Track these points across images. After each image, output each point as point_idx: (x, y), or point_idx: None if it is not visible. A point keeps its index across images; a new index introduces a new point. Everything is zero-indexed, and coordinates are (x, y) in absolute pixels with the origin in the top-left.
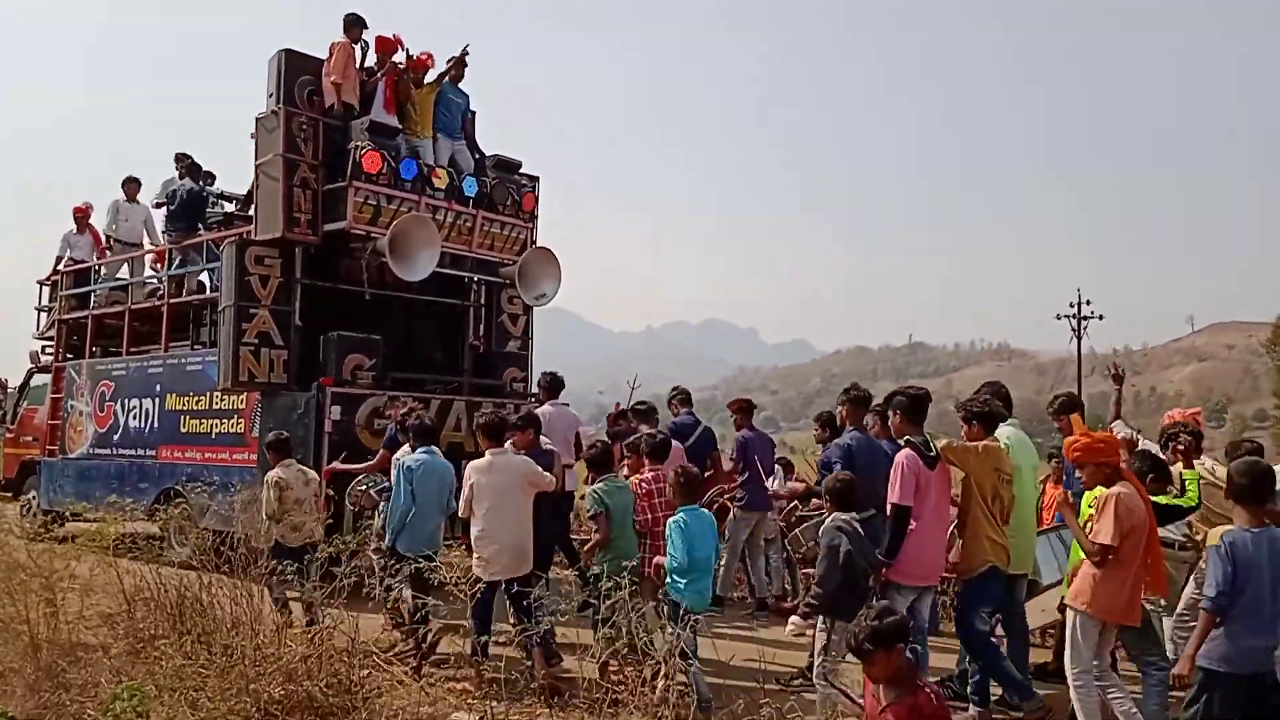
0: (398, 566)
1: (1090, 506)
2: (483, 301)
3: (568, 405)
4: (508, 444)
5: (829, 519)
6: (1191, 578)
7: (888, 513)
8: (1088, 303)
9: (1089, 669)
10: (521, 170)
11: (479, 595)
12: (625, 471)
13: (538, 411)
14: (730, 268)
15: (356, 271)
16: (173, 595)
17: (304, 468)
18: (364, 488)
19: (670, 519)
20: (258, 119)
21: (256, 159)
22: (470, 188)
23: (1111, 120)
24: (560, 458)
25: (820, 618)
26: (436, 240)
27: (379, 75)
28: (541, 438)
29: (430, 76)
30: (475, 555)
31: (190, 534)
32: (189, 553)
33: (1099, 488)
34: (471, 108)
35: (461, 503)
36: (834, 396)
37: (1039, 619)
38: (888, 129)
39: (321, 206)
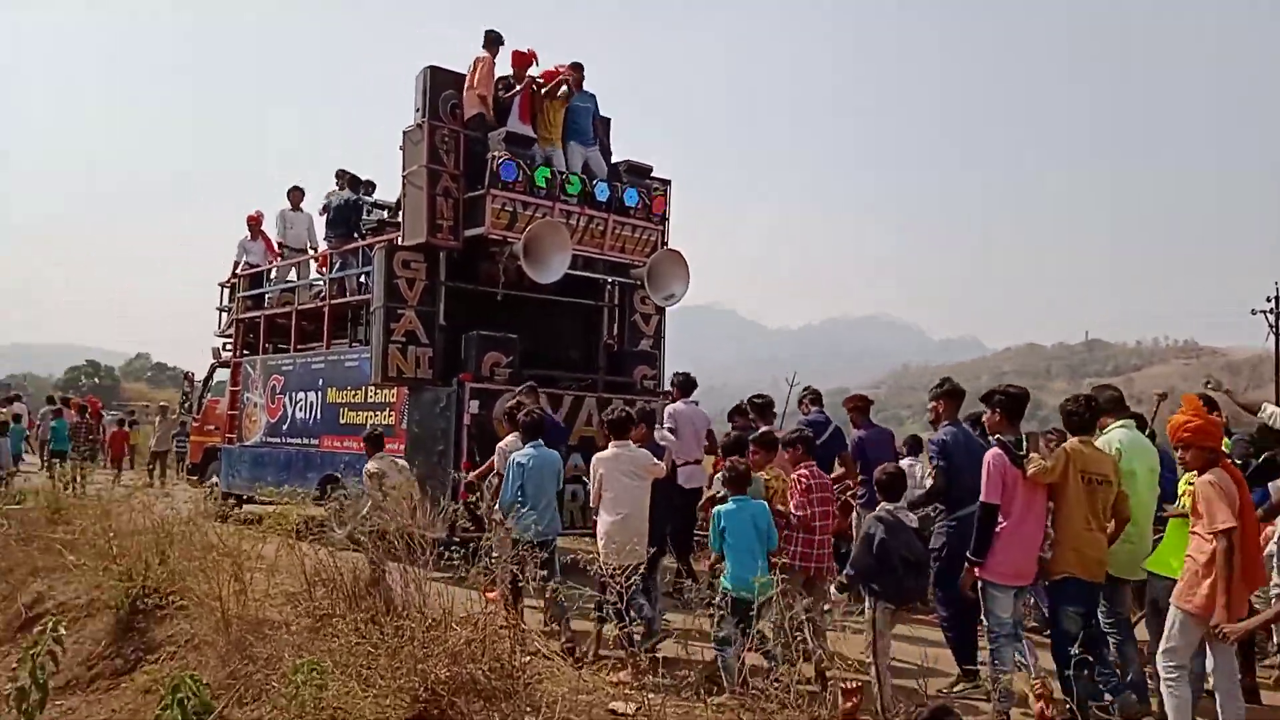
0: (542, 556)
1: (1189, 484)
2: (616, 301)
3: (698, 403)
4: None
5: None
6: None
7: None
8: None
9: (1184, 665)
10: (653, 174)
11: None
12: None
13: (670, 409)
14: (894, 262)
15: (496, 274)
16: (348, 577)
17: (396, 458)
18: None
19: (716, 508)
20: (405, 132)
21: (404, 170)
22: (602, 193)
23: None
24: (680, 453)
25: (868, 598)
26: (568, 244)
27: (516, 88)
28: (658, 431)
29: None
30: (602, 543)
31: (349, 519)
32: (345, 536)
33: (1194, 472)
34: (602, 114)
35: (592, 494)
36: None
37: None
38: (1060, 119)
39: (462, 213)
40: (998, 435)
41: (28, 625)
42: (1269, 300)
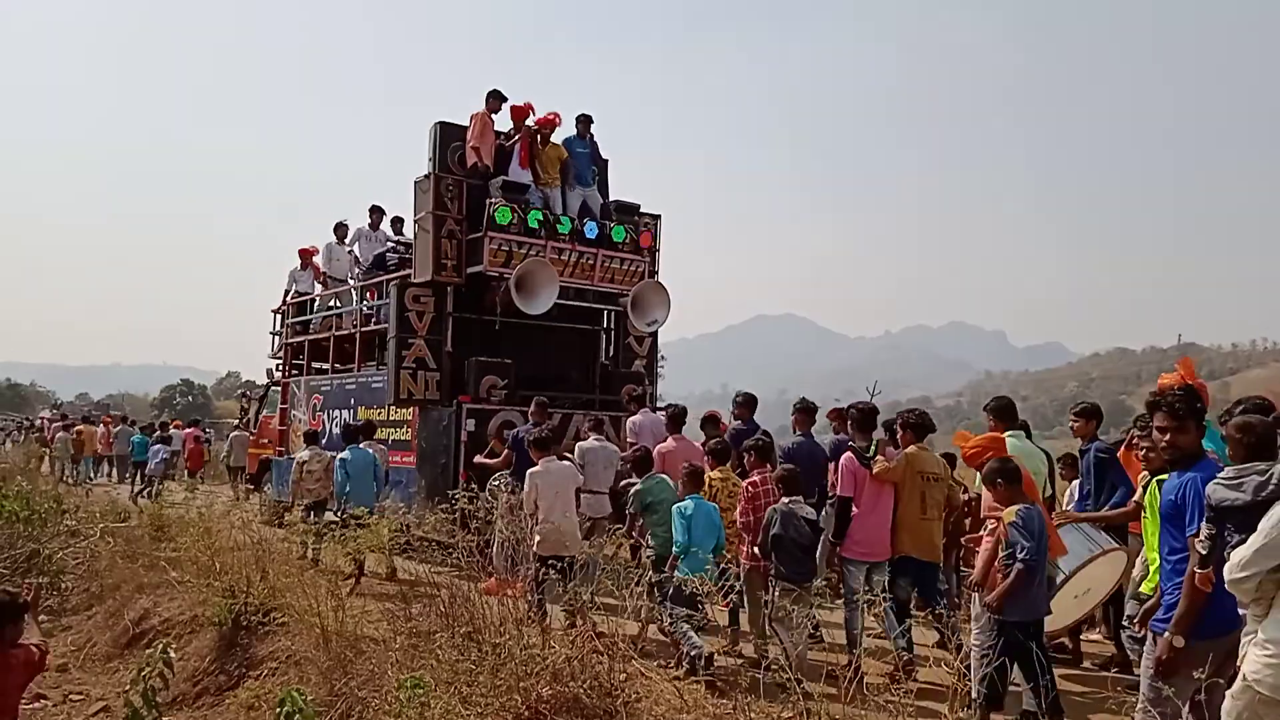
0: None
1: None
2: (610, 326)
3: (659, 414)
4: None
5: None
6: None
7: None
8: None
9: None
10: (641, 211)
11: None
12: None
13: (630, 420)
14: (974, 268)
15: (495, 306)
16: (444, 595)
17: (324, 451)
18: (498, 482)
19: (675, 505)
20: (415, 182)
21: (415, 214)
22: (591, 231)
23: None
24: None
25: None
26: (555, 278)
27: (515, 138)
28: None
29: (558, 135)
30: (536, 540)
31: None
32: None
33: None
34: (603, 156)
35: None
36: (1092, 401)
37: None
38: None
39: (465, 253)
40: (850, 442)
41: (135, 641)
42: None
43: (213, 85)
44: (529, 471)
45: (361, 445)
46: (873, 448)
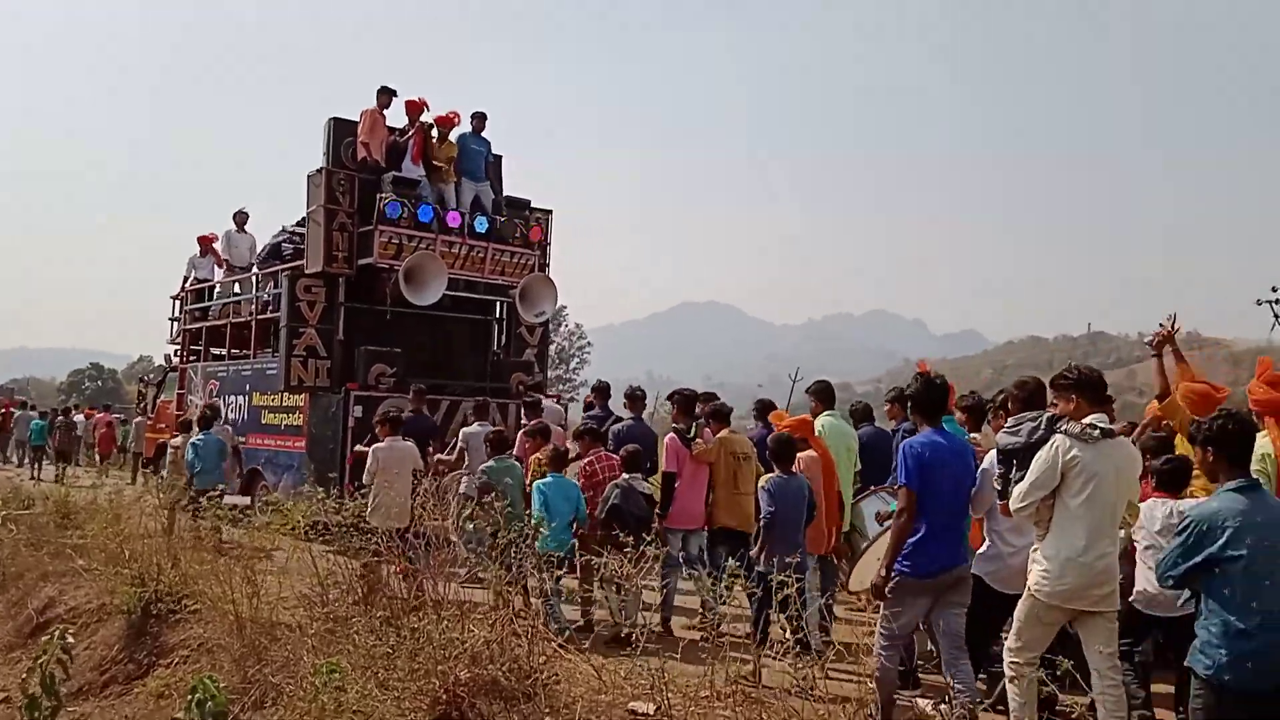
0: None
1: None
2: (502, 316)
3: (555, 401)
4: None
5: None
6: None
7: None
8: None
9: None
10: (532, 206)
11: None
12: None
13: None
14: (897, 257)
15: (391, 296)
16: (358, 578)
17: (210, 436)
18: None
19: (535, 483)
20: (308, 176)
21: (307, 207)
22: (481, 225)
23: None
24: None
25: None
26: (444, 271)
27: (410, 133)
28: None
29: (455, 133)
30: (372, 510)
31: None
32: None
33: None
34: (496, 153)
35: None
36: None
37: (860, 584)
38: (1050, 113)
39: (356, 245)
40: (674, 425)
41: (39, 630)
42: (1274, 290)
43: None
44: (373, 446)
45: (213, 430)
46: (693, 429)
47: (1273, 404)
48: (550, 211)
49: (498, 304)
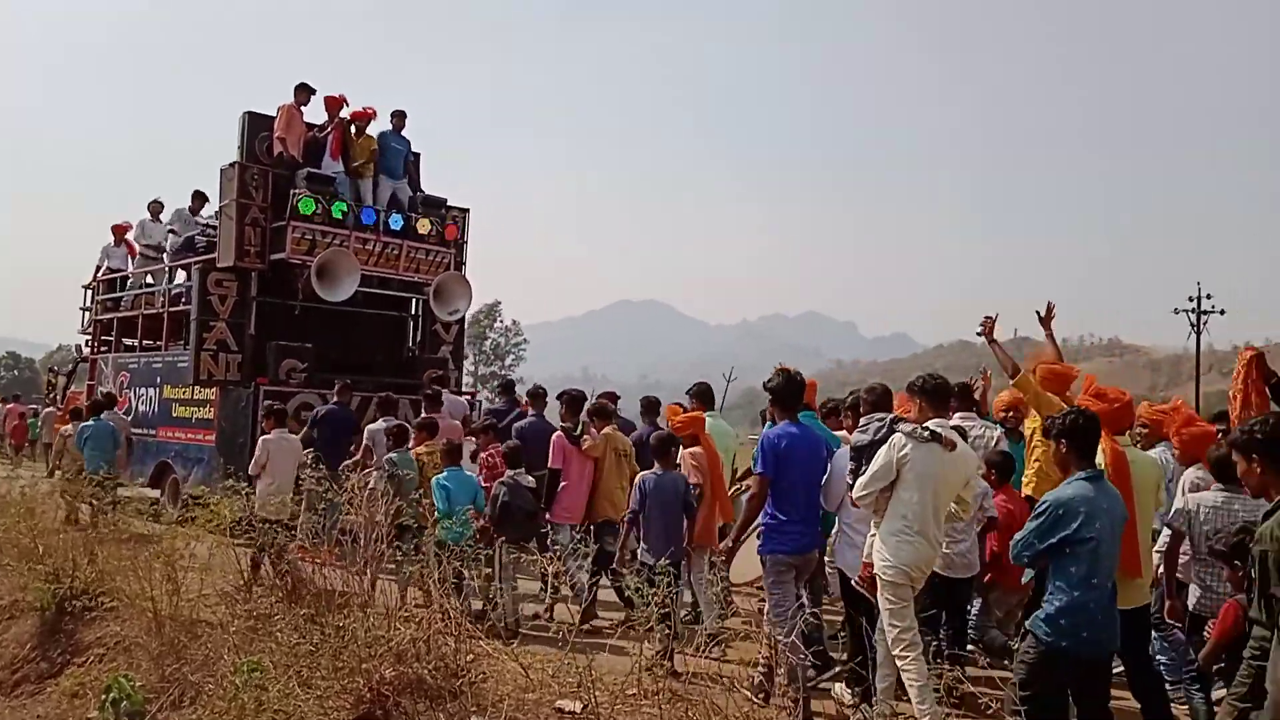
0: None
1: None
2: (417, 313)
3: (460, 397)
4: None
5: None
6: None
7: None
8: (1208, 296)
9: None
10: (449, 205)
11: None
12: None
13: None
14: (831, 260)
15: (304, 291)
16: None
17: (100, 423)
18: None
19: (434, 477)
20: (221, 170)
21: (220, 201)
22: (396, 223)
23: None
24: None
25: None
26: (356, 268)
27: (328, 129)
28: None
29: (374, 130)
30: (259, 500)
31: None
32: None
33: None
34: (414, 151)
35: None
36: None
37: (740, 575)
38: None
39: (269, 240)
40: (563, 424)
41: None
42: (1190, 300)
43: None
44: (263, 438)
45: (103, 417)
46: (579, 427)
47: (1102, 416)
48: (467, 210)
49: (413, 301)
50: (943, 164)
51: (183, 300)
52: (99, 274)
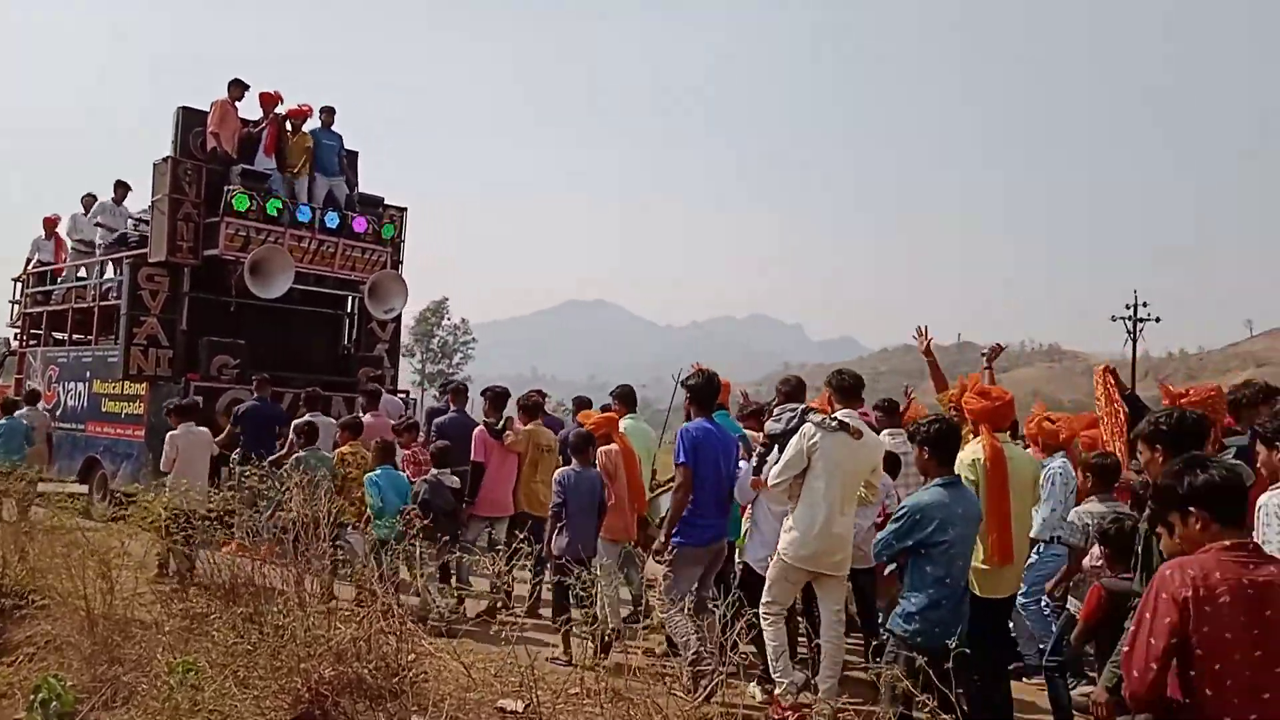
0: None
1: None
2: (353, 311)
3: (396, 397)
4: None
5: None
6: None
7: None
8: (1144, 304)
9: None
10: (385, 204)
11: None
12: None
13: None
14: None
15: (237, 288)
16: (225, 574)
17: (13, 420)
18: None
19: (367, 475)
20: (154, 164)
21: (153, 196)
22: (332, 220)
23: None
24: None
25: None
26: (290, 265)
27: (263, 125)
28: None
29: (308, 125)
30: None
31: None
32: (102, 510)
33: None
34: (349, 149)
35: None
36: (880, 395)
37: None
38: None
39: (201, 236)
40: (485, 420)
41: None
42: (1128, 308)
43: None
44: (170, 435)
45: (19, 414)
46: (502, 424)
47: (984, 413)
48: (405, 209)
49: (349, 299)
50: (888, 168)
51: (113, 294)
52: (29, 267)
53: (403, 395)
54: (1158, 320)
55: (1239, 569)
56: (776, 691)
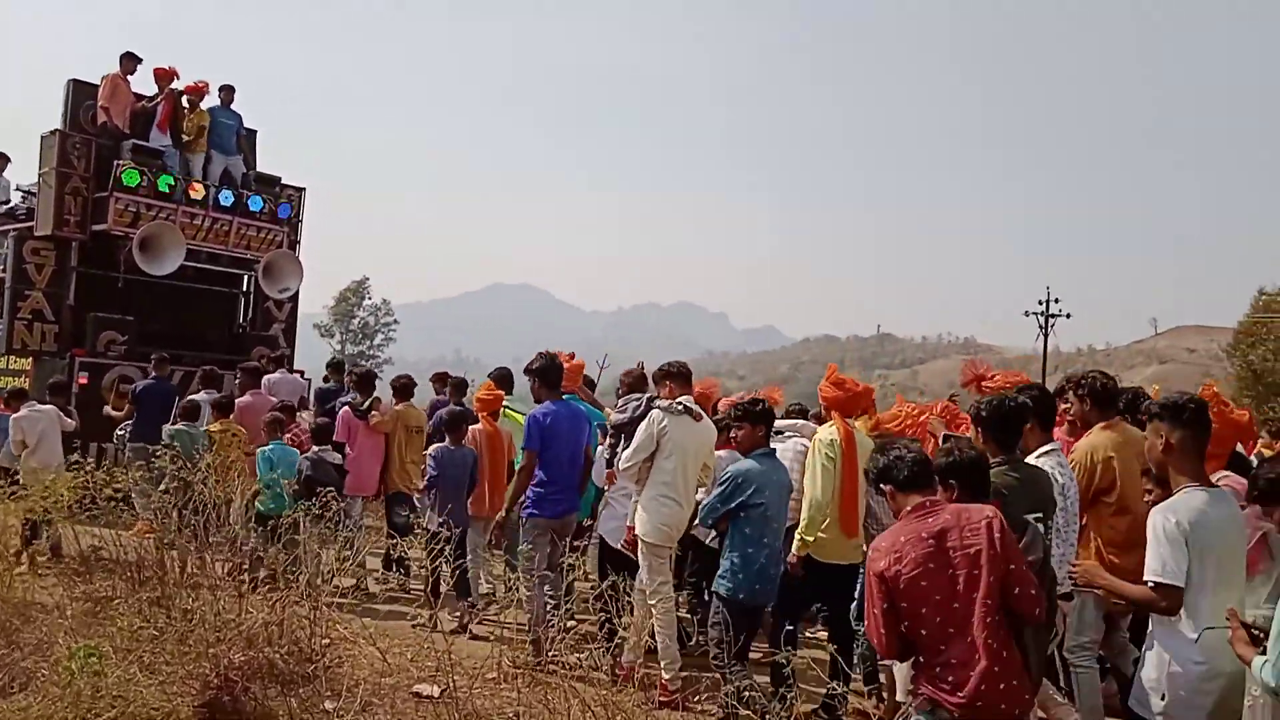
0: None
1: None
2: (249, 290)
3: (296, 376)
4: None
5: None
6: None
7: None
8: (1056, 300)
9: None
10: (283, 183)
11: None
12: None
13: (266, 378)
14: (703, 251)
15: (126, 264)
16: (132, 557)
17: None
18: (122, 433)
19: (260, 450)
20: (41, 137)
21: (40, 169)
22: (226, 198)
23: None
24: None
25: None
26: (181, 242)
27: (157, 100)
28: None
29: (206, 102)
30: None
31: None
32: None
33: None
34: (248, 127)
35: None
36: (801, 384)
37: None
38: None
39: (90, 210)
40: (350, 397)
41: None
42: (1040, 303)
43: None
44: (13, 418)
45: None
46: (368, 404)
47: (838, 401)
48: (303, 189)
49: (245, 278)
50: (810, 160)
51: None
52: None
53: (298, 373)
54: (1068, 316)
55: (919, 524)
56: (665, 677)
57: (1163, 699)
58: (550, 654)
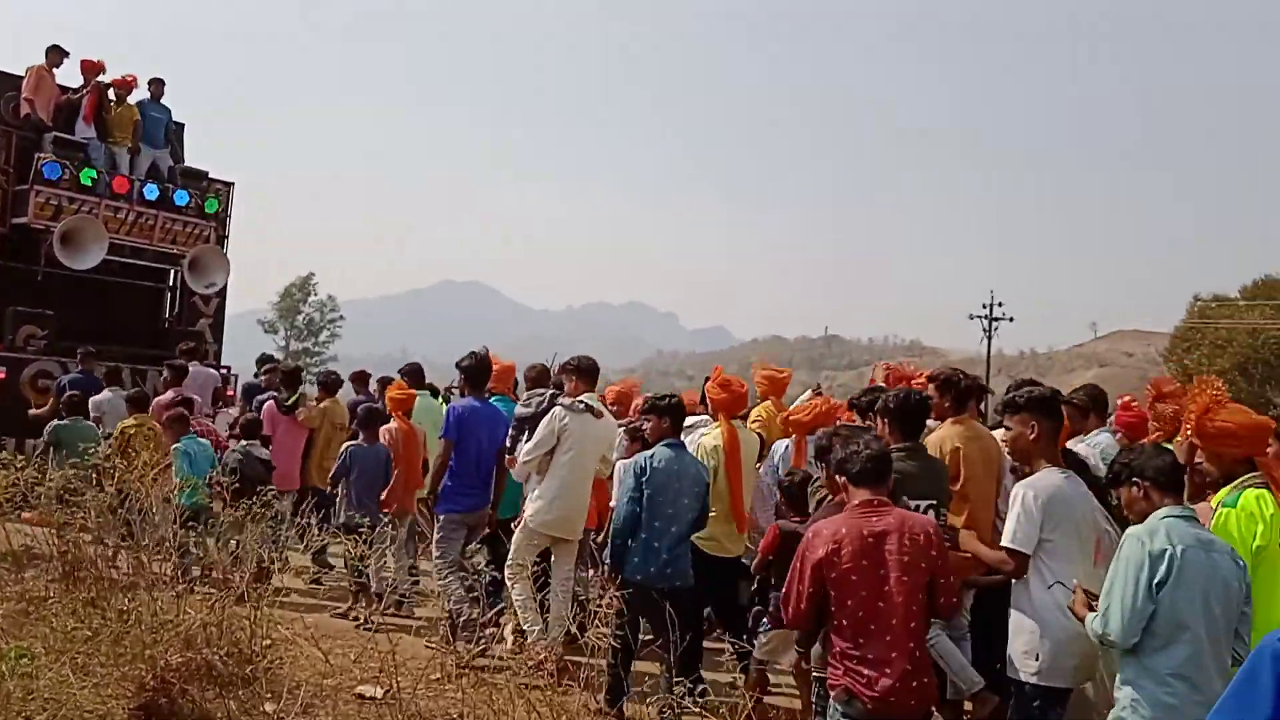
0: None
1: None
2: (175, 285)
3: (210, 369)
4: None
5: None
6: None
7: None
8: (999, 304)
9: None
10: (211, 178)
11: None
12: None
13: (191, 370)
14: (652, 251)
15: (47, 258)
16: (67, 556)
17: None
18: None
19: (174, 446)
20: None
21: None
22: (151, 192)
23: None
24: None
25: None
26: (104, 236)
27: (83, 93)
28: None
29: (134, 97)
30: None
31: None
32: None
33: None
34: (176, 121)
35: None
36: (750, 385)
37: None
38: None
39: (10, 203)
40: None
41: None
42: (984, 307)
43: None
44: None
45: None
46: (294, 399)
47: (723, 403)
48: (232, 184)
49: (170, 272)
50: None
51: None
52: None
53: (225, 369)
54: (1011, 320)
55: (861, 522)
56: (528, 640)
57: (1037, 659)
58: (474, 649)
